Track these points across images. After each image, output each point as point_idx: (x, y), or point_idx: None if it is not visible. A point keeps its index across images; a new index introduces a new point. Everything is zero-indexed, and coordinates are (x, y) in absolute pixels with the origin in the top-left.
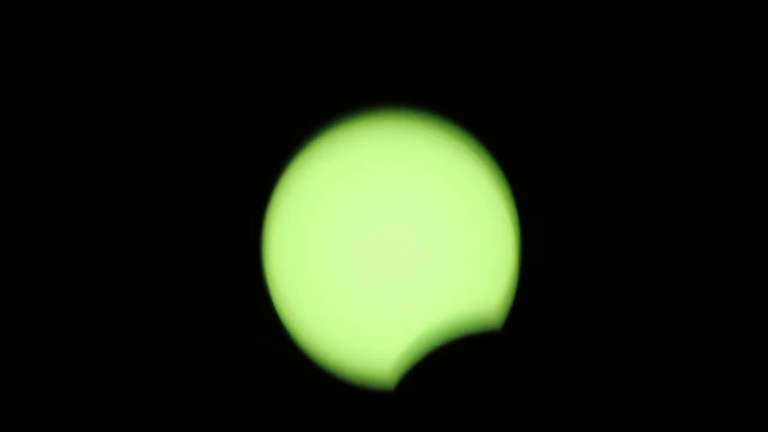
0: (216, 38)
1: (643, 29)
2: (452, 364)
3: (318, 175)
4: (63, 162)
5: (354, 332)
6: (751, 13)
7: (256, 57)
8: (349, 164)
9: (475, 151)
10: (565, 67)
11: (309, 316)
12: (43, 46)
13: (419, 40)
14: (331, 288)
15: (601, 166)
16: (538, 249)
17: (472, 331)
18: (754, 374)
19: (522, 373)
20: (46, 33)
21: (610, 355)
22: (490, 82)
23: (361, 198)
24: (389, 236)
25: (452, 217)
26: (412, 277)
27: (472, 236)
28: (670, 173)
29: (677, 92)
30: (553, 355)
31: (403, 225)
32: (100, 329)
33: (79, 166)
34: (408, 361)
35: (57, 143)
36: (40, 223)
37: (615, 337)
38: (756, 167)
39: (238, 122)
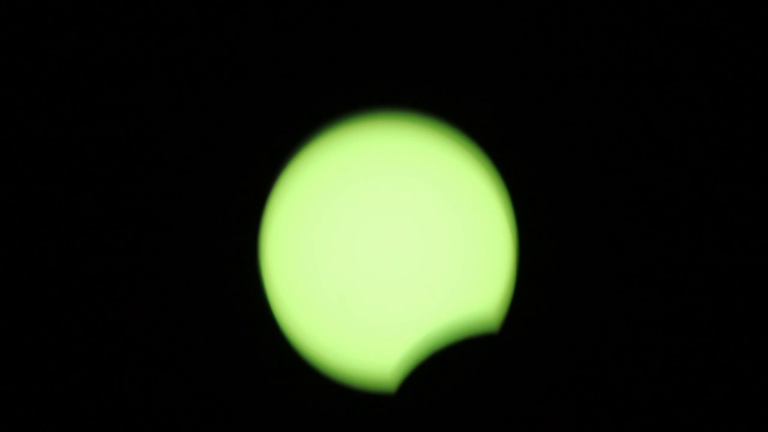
0: (215, 39)
1: (642, 30)
2: (451, 367)
3: (316, 177)
4: (63, 162)
5: (352, 335)
6: (750, 16)
7: (256, 57)
8: (347, 166)
9: (474, 153)
10: (563, 69)
11: (306, 319)
12: (42, 45)
13: (419, 40)
14: (329, 291)
15: (599, 167)
16: (536, 251)
17: (469, 334)
18: (754, 374)
19: (521, 375)
20: (45, 31)
21: (609, 357)
22: (488, 83)
23: (359, 200)
24: (387, 239)
25: (451, 219)
26: (410, 279)
27: (471, 238)
28: (669, 174)
29: (677, 94)
30: (552, 357)
31: (401, 227)
32: (98, 329)
33: (79, 167)
34: (407, 364)
35: (57, 143)
36: (39, 222)
37: (614, 338)
38: (755, 169)
39: (237, 122)
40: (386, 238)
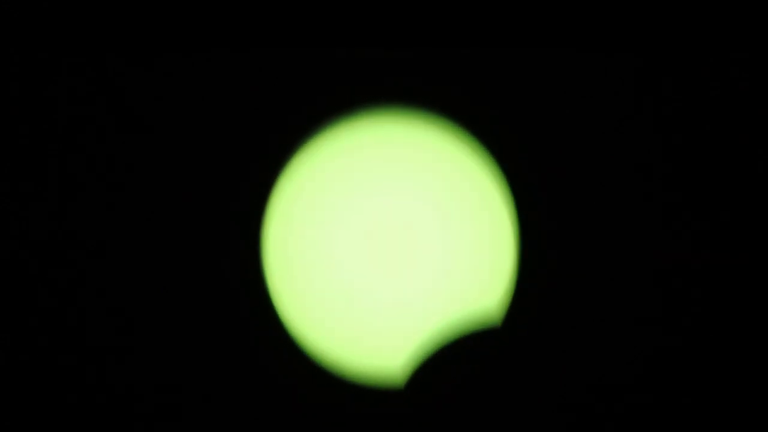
0: (215, 38)
1: (644, 30)
2: (454, 362)
3: (317, 175)
4: (63, 163)
5: (356, 333)
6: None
7: (256, 57)
8: (348, 163)
9: (475, 149)
10: (564, 65)
11: (309, 317)
12: (43, 46)
13: (419, 39)
14: (332, 288)
15: (600, 164)
16: (538, 247)
17: (472, 329)
18: (754, 375)
19: (523, 369)
20: (45, 34)
21: (609, 351)
22: (489, 80)
23: (361, 197)
24: (390, 235)
25: (453, 215)
26: (412, 275)
27: (473, 234)
28: (670, 172)
29: (679, 92)
30: (554, 351)
31: (404, 224)
32: (100, 328)
33: (79, 167)
34: (412, 360)
35: (56, 143)
36: (38, 222)
37: (614, 334)
38: (756, 172)
39: (238, 122)
40: (389, 234)
